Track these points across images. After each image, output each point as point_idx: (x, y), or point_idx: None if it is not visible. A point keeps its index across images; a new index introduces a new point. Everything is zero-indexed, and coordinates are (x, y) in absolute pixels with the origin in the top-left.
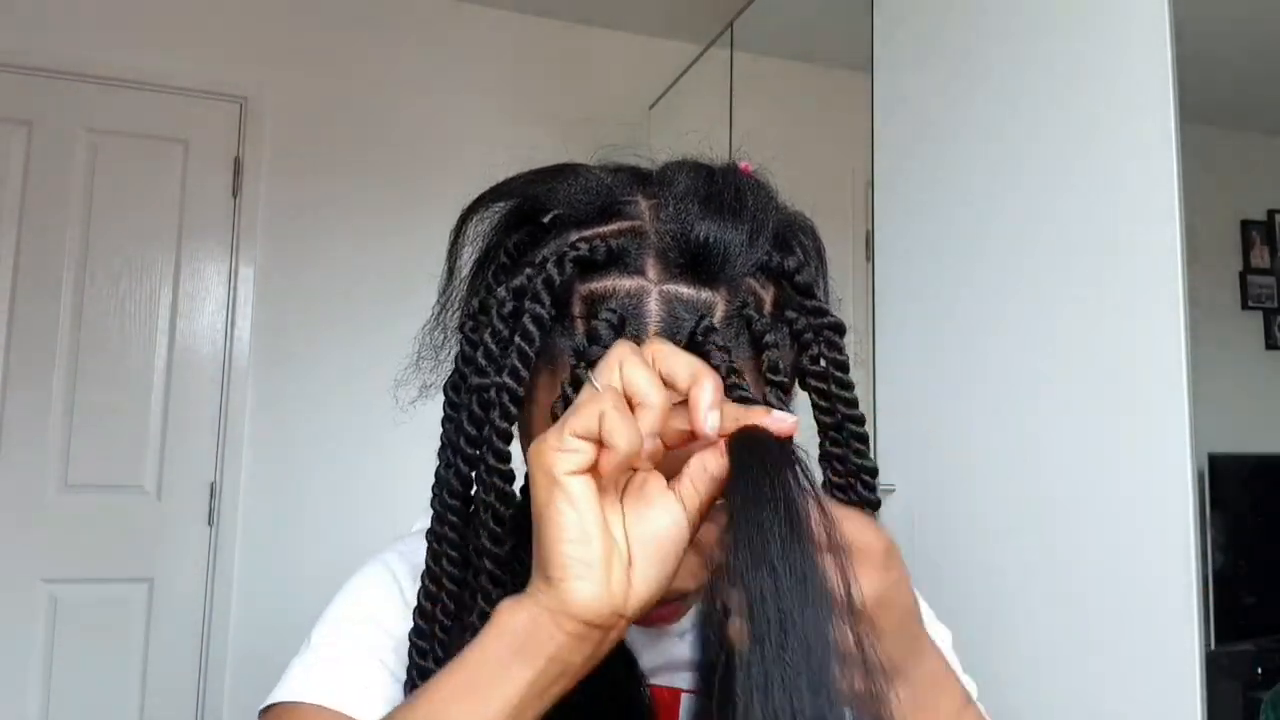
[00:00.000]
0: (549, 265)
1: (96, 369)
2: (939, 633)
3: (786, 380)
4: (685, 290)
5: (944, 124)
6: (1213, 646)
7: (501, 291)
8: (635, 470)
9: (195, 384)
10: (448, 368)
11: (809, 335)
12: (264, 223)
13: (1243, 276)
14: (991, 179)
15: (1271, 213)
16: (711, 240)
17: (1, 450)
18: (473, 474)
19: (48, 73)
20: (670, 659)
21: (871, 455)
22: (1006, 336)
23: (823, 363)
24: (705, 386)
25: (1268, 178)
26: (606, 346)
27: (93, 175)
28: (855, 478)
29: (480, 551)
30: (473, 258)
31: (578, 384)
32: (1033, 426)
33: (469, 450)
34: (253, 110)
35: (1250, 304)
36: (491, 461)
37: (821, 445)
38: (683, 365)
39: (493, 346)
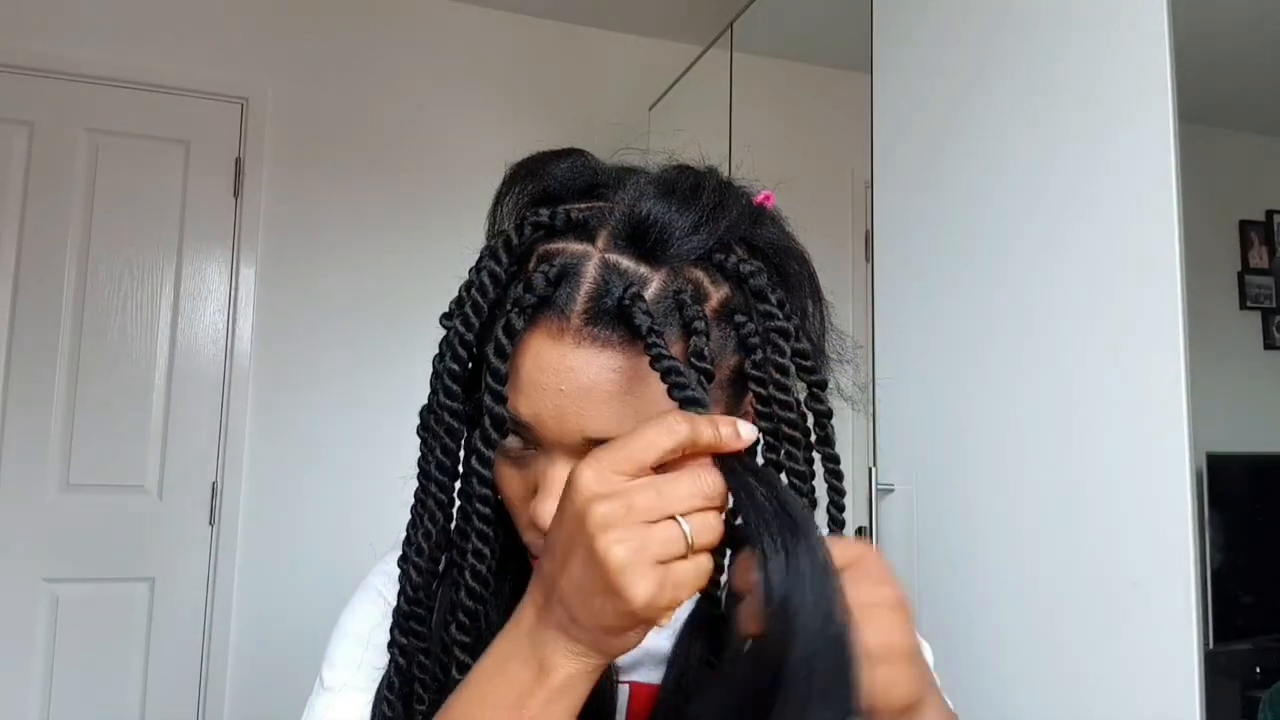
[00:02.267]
0: (510, 228)
1: (98, 369)
2: (925, 650)
3: (710, 368)
4: (625, 262)
5: (944, 124)
6: (1211, 646)
7: (481, 252)
8: None
9: (196, 384)
10: None
11: (755, 339)
12: (265, 223)
13: (1241, 277)
14: (991, 179)
15: (1270, 213)
16: (655, 219)
17: (3, 450)
18: (431, 416)
19: (49, 73)
20: (648, 653)
21: (809, 460)
22: (1005, 336)
23: (764, 367)
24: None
25: (1266, 178)
26: (538, 297)
27: (94, 176)
28: (787, 476)
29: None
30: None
31: (509, 328)
32: (1031, 426)
33: (430, 390)
34: (254, 111)
35: (1249, 304)
36: (441, 398)
37: (764, 450)
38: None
39: (462, 294)
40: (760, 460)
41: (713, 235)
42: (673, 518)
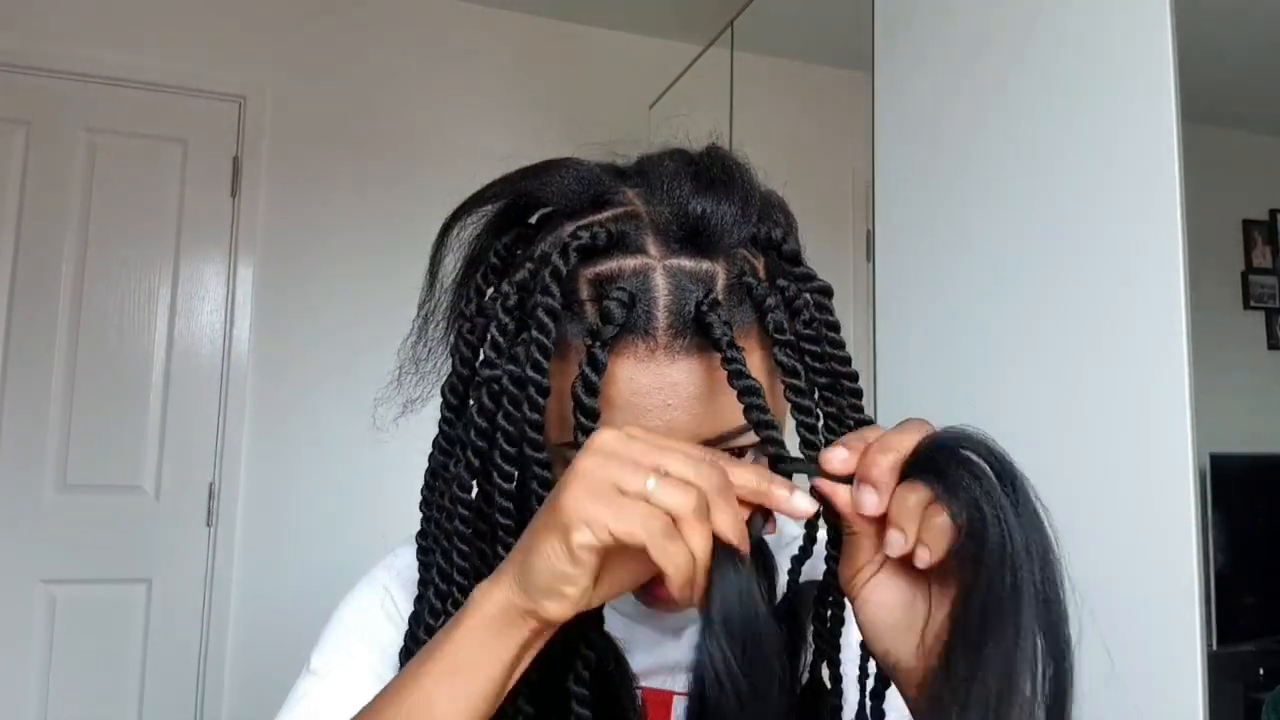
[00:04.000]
0: (554, 256)
1: (95, 369)
2: None
3: (792, 339)
4: (688, 263)
5: (944, 124)
6: (1214, 647)
7: (505, 286)
8: None
9: (194, 384)
10: (431, 381)
11: (800, 301)
12: (263, 223)
13: (1244, 276)
14: (992, 179)
15: (1273, 212)
16: (708, 213)
17: (0, 450)
18: (480, 469)
19: (47, 72)
20: (664, 661)
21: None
22: (1007, 336)
23: (815, 325)
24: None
25: (1269, 177)
26: (619, 325)
27: (92, 175)
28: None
29: (489, 541)
30: (458, 265)
31: (595, 364)
32: (1033, 426)
33: (479, 443)
34: (252, 110)
35: (1252, 304)
36: (509, 449)
37: (817, 407)
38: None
39: (500, 339)
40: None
41: (753, 214)
42: (658, 470)
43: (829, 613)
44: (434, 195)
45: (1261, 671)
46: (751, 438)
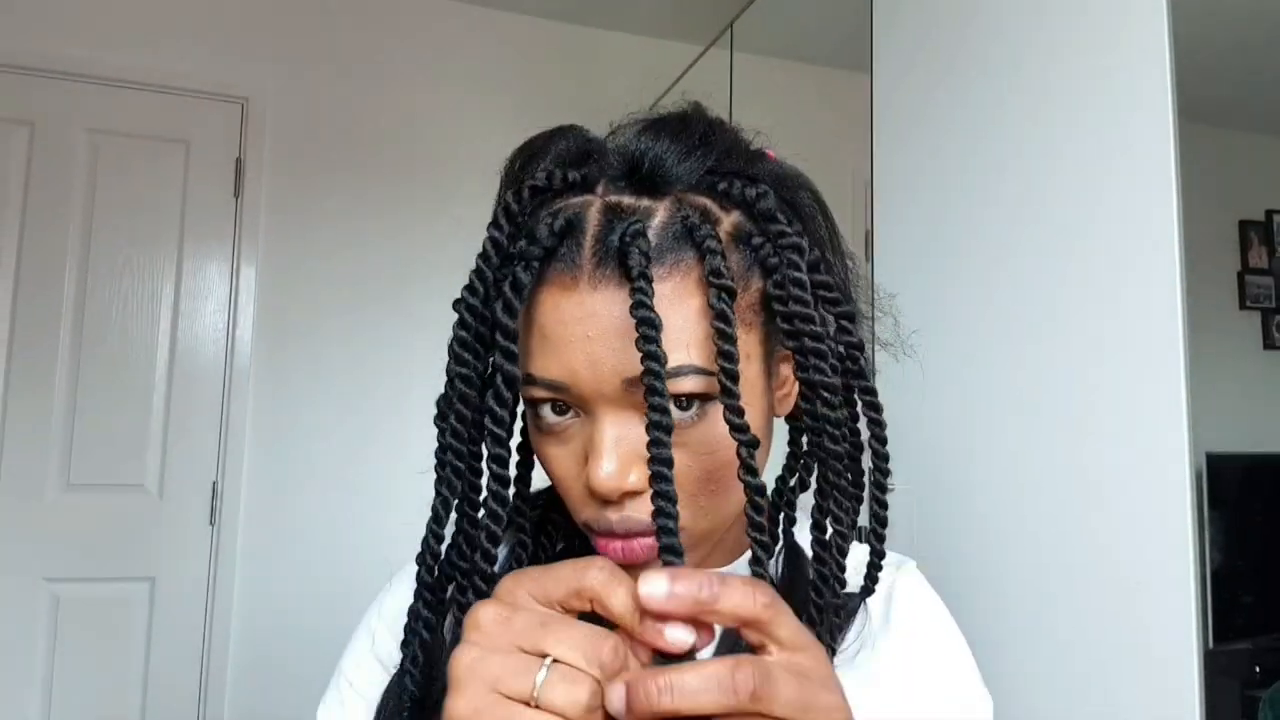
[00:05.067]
0: (508, 194)
1: (98, 369)
2: (979, 703)
3: (730, 284)
4: (627, 200)
5: (944, 124)
6: (1211, 645)
7: (485, 241)
8: None
9: (197, 383)
10: None
11: (774, 260)
12: (265, 223)
13: (1241, 276)
14: (990, 179)
15: (1270, 213)
16: (647, 150)
17: (3, 449)
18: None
19: (49, 73)
20: None
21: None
22: (1005, 336)
23: (784, 284)
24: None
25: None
26: (544, 248)
27: (94, 176)
28: (815, 394)
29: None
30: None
31: (516, 284)
32: (1031, 426)
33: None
34: (254, 111)
35: (1248, 304)
36: (453, 366)
37: (803, 369)
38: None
39: (474, 281)
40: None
41: (708, 158)
42: (544, 657)
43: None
44: (435, 195)
45: (1258, 669)
46: (690, 383)
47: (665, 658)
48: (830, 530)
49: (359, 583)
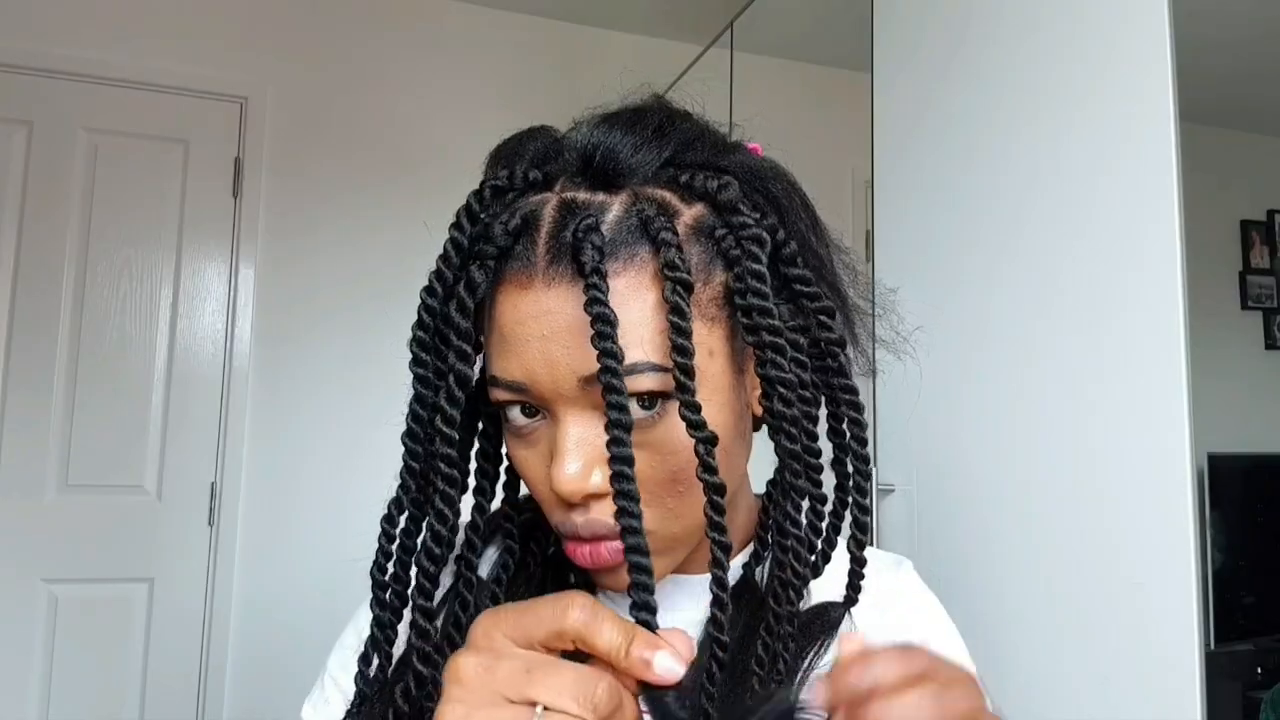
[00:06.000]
0: (470, 194)
1: (97, 369)
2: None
3: (686, 277)
4: (582, 195)
5: (944, 124)
6: (1212, 646)
7: (447, 242)
8: None
9: (195, 384)
10: None
11: (735, 252)
12: (264, 223)
13: (1242, 276)
14: (991, 179)
15: (1271, 213)
16: (600, 144)
17: (2, 450)
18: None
19: (48, 73)
20: None
21: (784, 368)
22: (1006, 336)
23: (743, 276)
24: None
25: (1268, 178)
26: (499, 247)
27: (93, 175)
28: (774, 389)
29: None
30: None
31: (469, 283)
32: (1032, 426)
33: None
34: (253, 111)
35: (1250, 304)
36: (411, 366)
37: (756, 367)
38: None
39: (435, 284)
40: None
41: (664, 149)
42: (533, 705)
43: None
44: (435, 195)
45: (1259, 670)
46: (648, 381)
47: (650, 689)
48: (782, 531)
49: (357, 583)
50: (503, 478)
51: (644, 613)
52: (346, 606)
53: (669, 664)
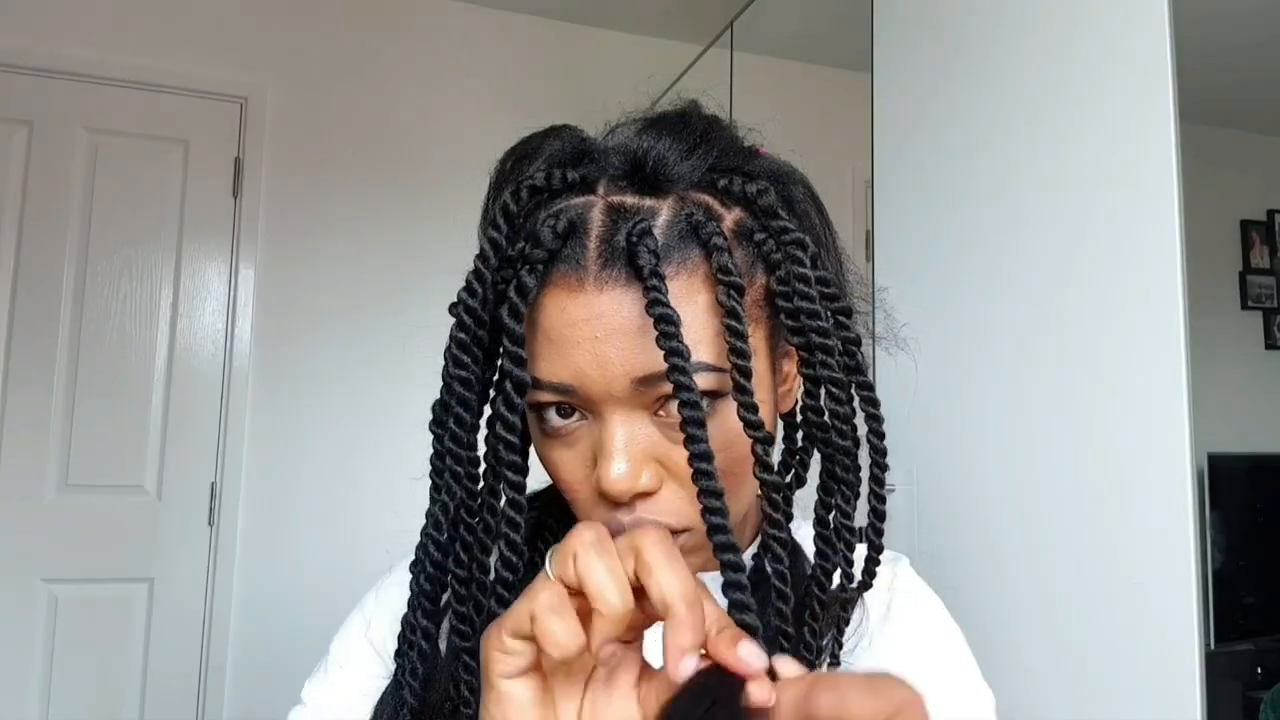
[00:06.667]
0: (506, 193)
1: (97, 369)
2: (980, 699)
3: (738, 280)
4: (630, 199)
5: (944, 124)
6: (1212, 646)
7: (482, 240)
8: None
9: (195, 384)
10: None
11: (776, 255)
12: (264, 223)
13: (1242, 276)
14: (991, 179)
15: (1271, 213)
16: (649, 149)
17: (2, 450)
18: (438, 416)
19: (48, 73)
20: None
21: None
22: (1006, 336)
23: (789, 280)
24: (683, 625)
25: (1268, 178)
26: (549, 251)
27: (93, 175)
28: (820, 389)
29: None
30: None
31: (521, 288)
32: (1032, 426)
33: (443, 375)
34: (253, 111)
35: (1250, 304)
36: (451, 370)
37: (808, 365)
38: (666, 582)
39: (473, 283)
40: (805, 398)
41: (709, 156)
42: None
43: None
44: (434, 195)
45: (1259, 670)
46: (703, 380)
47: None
48: (836, 525)
49: (358, 583)
50: (506, 477)
51: (744, 613)
52: (347, 606)
53: (755, 651)
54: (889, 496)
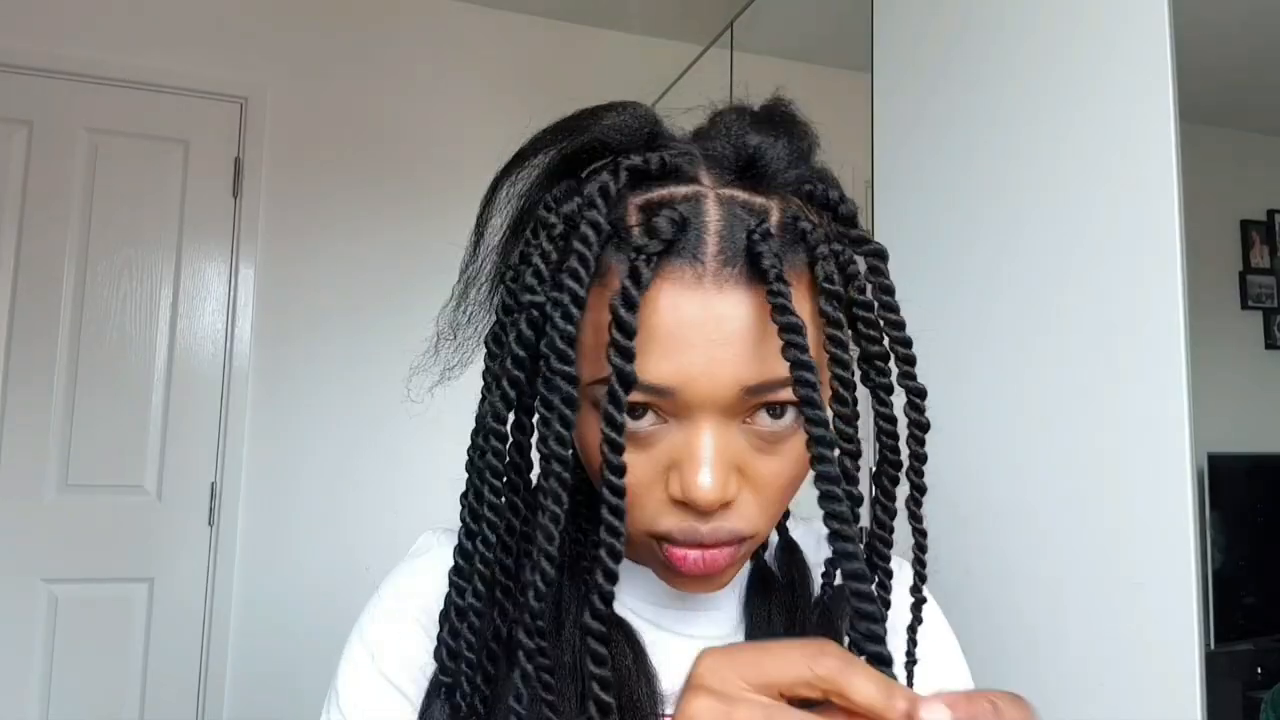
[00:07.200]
0: (603, 174)
1: (97, 369)
2: (957, 669)
3: (839, 290)
4: (741, 194)
5: (944, 124)
6: (1213, 646)
7: (552, 219)
8: None
9: (195, 384)
10: (470, 348)
11: (854, 265)
12: (264, 223)
13: (1242, 276)
14: (991, 179)
15: (1271, 212)
16: (763, 146)
17: (2, 450)
18: (516, 400)
19: (48, 73)
20: None
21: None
22: (1005, 336)
23: (868, 290)
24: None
25: (1268, 177)
26: (666, 241)
27: (93, 175)
28: (897, 397)
29: (532, 509)
30: (505, 224)
31: (636, 277)
32: (1032, 426)
33: (514, 373)
34: (253, 110)
35: (1250, 304)
36: (555, 364)
37: (867, 376)
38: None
39: (543, 268)
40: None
41: (806, 161)
42: None
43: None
44: (435, 194)
45: (1259, 670)
46: (788, 392)
47: None
48: (883, 529)
49: (358, 584)
50: (610, 482)
51: (880, 644)
52: (347, 606)
53: (936, 715)
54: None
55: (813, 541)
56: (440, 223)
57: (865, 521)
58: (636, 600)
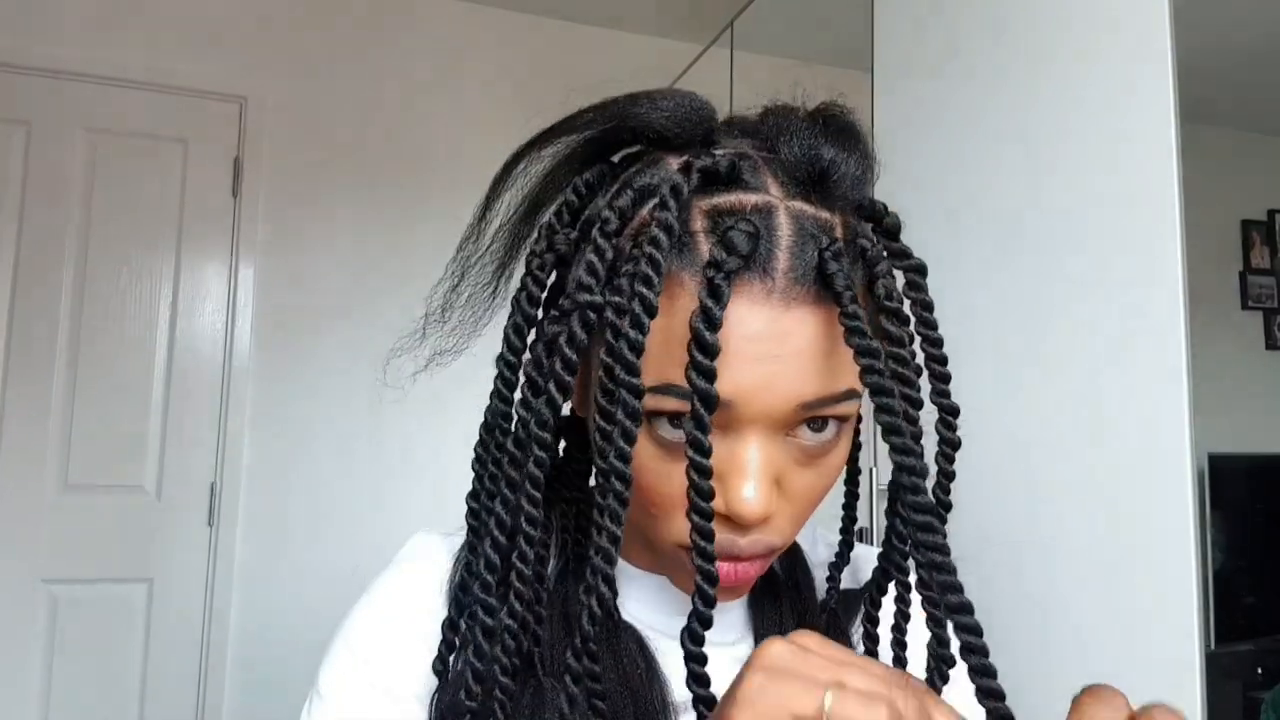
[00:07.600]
0: (674, 173)
1: (96, 369)
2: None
3: (901, 309)
4: (809, 209)
5: (944, 124)
6: (1213, 647)
7: (606, 212)
8: None
9: (195, 384)
10: (464, 334)
11: (892, 277)
12: (264, 223)
13: (1243, 276)
14: (991, 179)
15: (1272, 213)
16: (837, 161)
17: (1, 450)
18: (561, 413)
19: (47, 73)
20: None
21: (951, 397)
22: (1005, 336)
23: (907, 305)
24: None
25: (1268, 178)
26: (743, 255)
27: (92, 175)
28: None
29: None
30: (520, 204)
31: (716, 294)
32: (1032, 426)
33: (566, 377)
34: (252, 110)
35: (1250, 304)
36: (621, 376)
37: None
38: None
39: (599, 265)
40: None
41: (870, 177)
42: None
43: (877, 613)
44: (434, 194)
45: (1260, 671)
46: (839, 408)
47: None
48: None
49: (358, 584)
50: (698, 506)
51: (992, 679)
52: (346, 607)
53: None
54: (883, 499)
55: (808, 543)
56: (440, 223)
57: (880, 536)
58: (645, 609)
